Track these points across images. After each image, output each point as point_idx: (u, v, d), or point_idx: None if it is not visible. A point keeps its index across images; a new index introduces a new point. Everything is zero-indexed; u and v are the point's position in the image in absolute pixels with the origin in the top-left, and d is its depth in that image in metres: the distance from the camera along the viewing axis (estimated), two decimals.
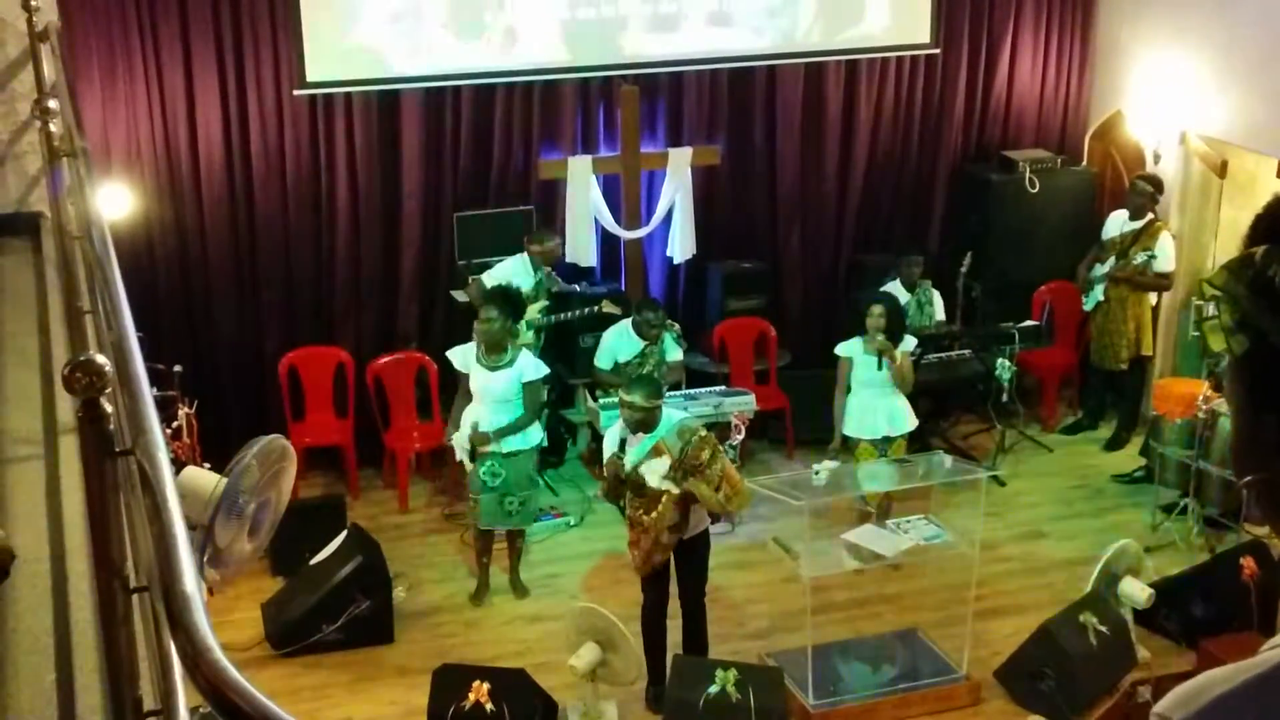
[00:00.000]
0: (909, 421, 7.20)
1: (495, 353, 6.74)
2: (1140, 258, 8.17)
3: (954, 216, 9.14)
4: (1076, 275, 8.63)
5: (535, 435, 6.94)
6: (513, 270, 7.59)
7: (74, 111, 4.37)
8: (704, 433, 6.02)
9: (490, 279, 7.46)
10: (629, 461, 5.94)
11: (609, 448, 6.08)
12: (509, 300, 6.90)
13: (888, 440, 7.13)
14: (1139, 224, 8.28)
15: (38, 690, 2.43)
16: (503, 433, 6.74)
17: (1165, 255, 8.20)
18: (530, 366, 6.82)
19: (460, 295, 7.92)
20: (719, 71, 8.52)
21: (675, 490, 5.86)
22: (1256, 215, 1.26)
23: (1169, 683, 1.29)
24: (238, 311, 8.02)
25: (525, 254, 7.73)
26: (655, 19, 8.27)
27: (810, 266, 9.02)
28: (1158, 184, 8.30)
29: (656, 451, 5.90)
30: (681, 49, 8.34)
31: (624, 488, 6.01)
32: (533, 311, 7.59)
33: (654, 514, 5.96)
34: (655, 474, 5.88)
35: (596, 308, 7.86)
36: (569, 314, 7.89)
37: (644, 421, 5.92)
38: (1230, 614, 6.43)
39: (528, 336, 7.32)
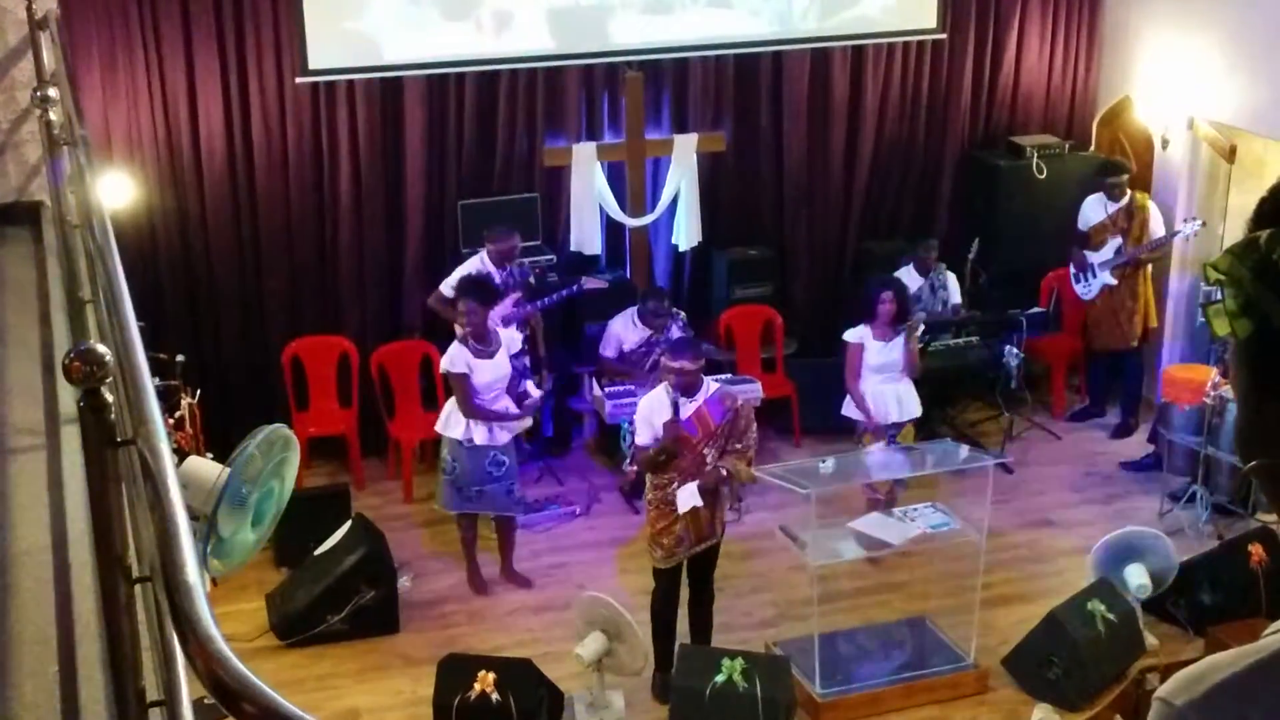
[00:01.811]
0: (917, 407, 7.20)
1: (484, 340, 6.74)
2: (1189, 228, 8.15)
3: (961, 203, 9.11)
4: (1072, 264, 8.58)
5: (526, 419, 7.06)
6: (473, 271, 7.48)
7: (74, 100, 4.35)
8: (741, 401, 6.05)
9: (447, 287, 7.50)
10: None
11: (656, 415, 5.94)
12: (480, 287, 6.93)
13: (896, 426, 7.12)
14: (1123, 202, 8.30)
15: (40, 681, 2.41)
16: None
17: (1159, 222, 8.26)
18: (511, 341, 6.96)
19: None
20: (724, 58, 8.48)
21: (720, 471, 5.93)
22: (1261, 199, 1.26)
23: (1177, 670, 1.28)
24: (240, 300, 8.00)
25: (484, 252, 7.60)
26: (652, 3, 8.23)
27: (817, 253, 8.99)
28: (1121, 167, 8.40)
29: (700, 421, 5.90)
30: (679, 33, 8.30)
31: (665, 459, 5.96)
32: (505, 306, 7.49)
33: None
34: (688, 501, 5.91)
35: (576, 287, 7.77)
36: (548, 298, 7.71)
37: (692, 384, 5.91)
38: (1239, 601, 6.41)
39: (510, 331, 7.24)
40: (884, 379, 7.11)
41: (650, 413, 5.99)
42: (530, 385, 7.06)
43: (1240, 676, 1.21)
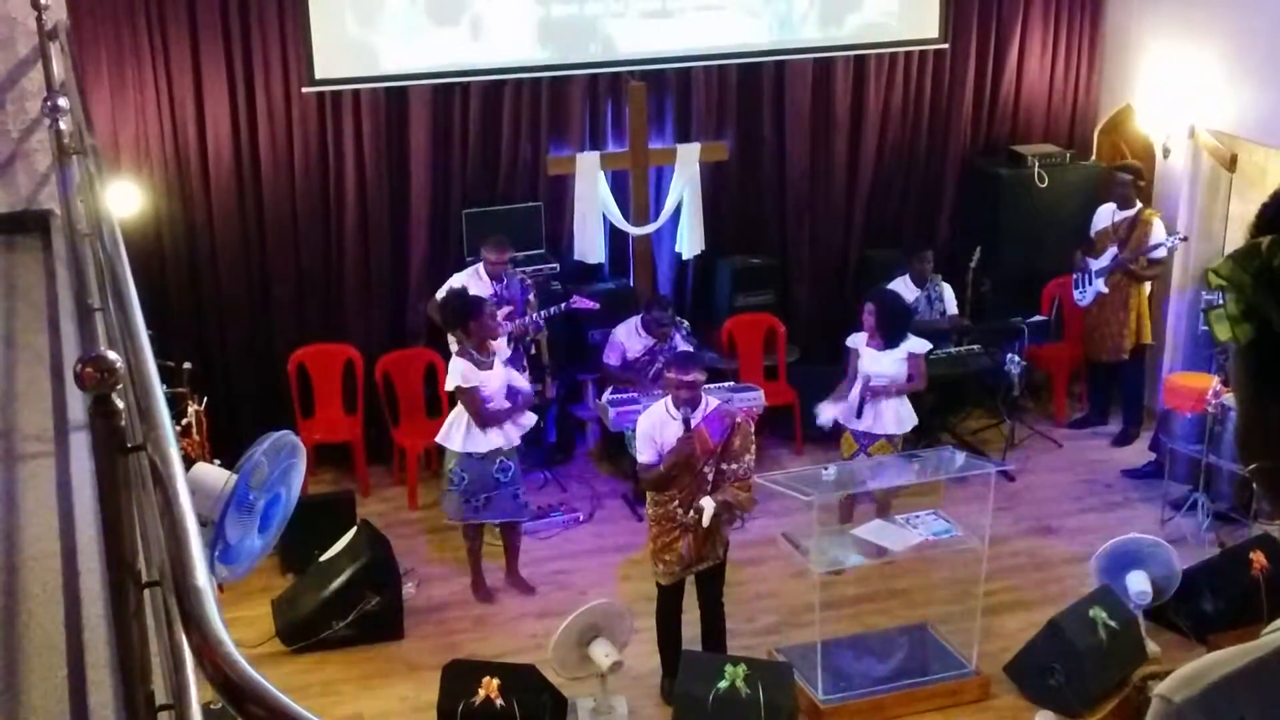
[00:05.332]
0: (894, 425, 7.11)
1: (485, 350, 6.76)
2: (1170, 242, 8.16)
3: (963, 211, 9.13)
4: (1074, 267, 8.58)
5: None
6: (467, 282, 7.45)
7: (83, 109, 4.37)
8: (740, 419, 6.04)
9: (446, 294, 7.48)
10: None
11: (659, 431, 5.91)
12: (463, 303, 6.89)
13: (870, 437, 7.10)
14: (1130, 212, 8.30)
15: (49, 686, 2.43)
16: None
17: (1158, 239, 8.23)
18: (500, 352, 6.94)
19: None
20: (727, 67, 8.52)
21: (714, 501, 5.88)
22: (1262, 205, 1.28)
23: None
24: (247, 308, 8.04)
25: (480, 264, 7.61)
26: (655, 10, 8.25)
27: (819, 262, 9.02)
28: (1137, 171, 8.36)
29: (699, 438, 5.88)
30: (682, 42, 8.33)
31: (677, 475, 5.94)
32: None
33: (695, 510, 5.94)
34: (708, 512, 5.89)
35: (565, 305, 7.73)
36: (538, 314, 7.65)
37: (697, 398, 5.91)
38: (1240, 608, 6.41)
39: (500, 343, 7.21)
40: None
41: (653, 430, 5.97)
42: (518, 376, 7.03)
43: (1239, 674, 1.23)
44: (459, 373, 6.69)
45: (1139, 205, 8.34)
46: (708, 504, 5.87)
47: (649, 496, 6.14)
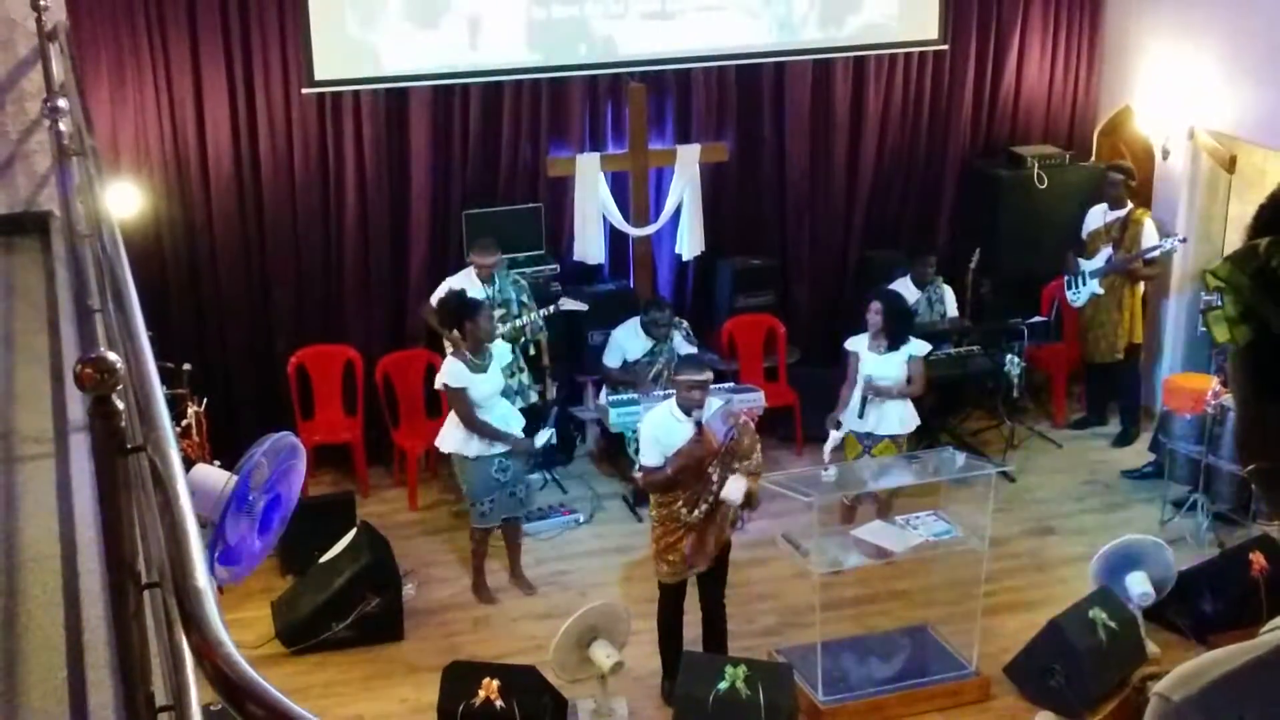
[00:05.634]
0: (899, 426, 7.11)
1: (482, 352, 6.75)
2: (1169, 243, 8.17)
3: (963, 212, 9.13)
4: (1067, 269, 8.57)
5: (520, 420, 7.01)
6: (463, 284, 7.45)
7: (83, 111, 4.37)
8: (745, 419, 6.04)
9: (437, 299, 7.48)
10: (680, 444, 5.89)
11: (665, 433, 5.91)
12: (461, 305, 6.89)
13: (872, 438, 7.09)
14: (1122, 212, 8.31)
15: (49, 687, 2.43)
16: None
17: (1151, 242, 8.25)
18: (502, 351, 6.94)
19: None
20: (726, 68, 8.52)
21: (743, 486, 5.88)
22: (1260, 206, 1.28)
23: None
24: (247, 309, 8.04)
25: (471, 269, 7.62)
26: (655, 11, 8.26)
27: (819, 263, 9.02)
28: (1128, 171, 8.40)
29: (705, 439, 5.88)
30: (682, 43, 8.33)
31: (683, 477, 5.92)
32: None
33: (699, 510, 5.93)
34: (737, 492, 5.87)
35: (553, 307, 7.74)
36: (527, 317, 7.63)
37: (703, 399, 5.90)
38: (1240, 609, 6.41)
39: (503, 347, 7.20)
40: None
41: (659, 432, 5.96)
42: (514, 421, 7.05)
43: (1237, 673, 1.23)
44: (449, 372, 6.71)
45: (1129, 206, 8.34)
46: (735, 489, 5.83)
47: (653, 497, 6.14)
